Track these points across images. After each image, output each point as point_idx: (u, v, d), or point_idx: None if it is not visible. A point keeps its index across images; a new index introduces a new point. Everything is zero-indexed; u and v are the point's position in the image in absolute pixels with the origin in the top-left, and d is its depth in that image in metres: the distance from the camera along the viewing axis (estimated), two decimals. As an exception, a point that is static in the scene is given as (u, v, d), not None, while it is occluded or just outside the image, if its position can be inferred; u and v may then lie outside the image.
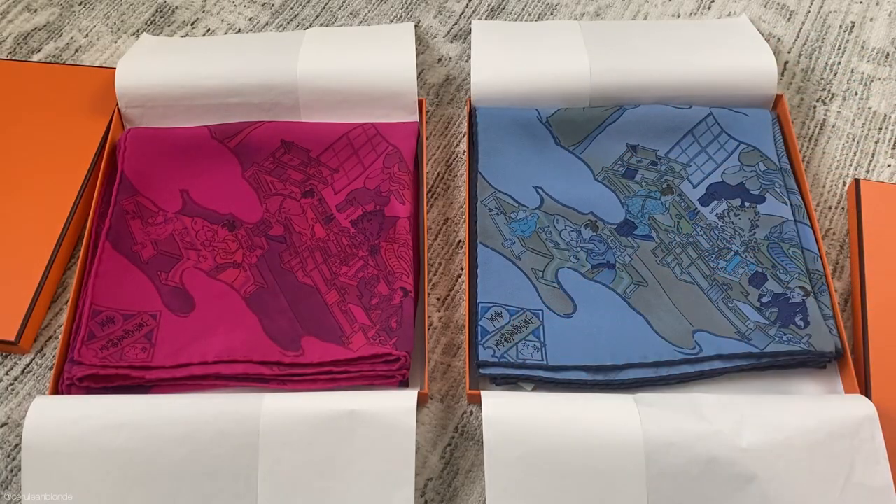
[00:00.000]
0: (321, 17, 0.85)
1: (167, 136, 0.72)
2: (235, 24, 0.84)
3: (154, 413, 0.54)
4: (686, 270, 0.65)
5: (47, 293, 0.65)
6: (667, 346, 0.60)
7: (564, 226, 0.67)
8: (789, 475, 0.53)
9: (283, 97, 0.73)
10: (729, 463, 0.52)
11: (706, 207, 0.68)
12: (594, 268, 0.65)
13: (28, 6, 0.85)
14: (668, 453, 0.53)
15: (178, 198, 0.69)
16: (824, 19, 0.84)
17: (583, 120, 0.72)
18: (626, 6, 0.85)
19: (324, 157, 0.71)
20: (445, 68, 0.81)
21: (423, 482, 0.58)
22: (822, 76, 0.79)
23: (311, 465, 0.54)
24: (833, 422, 0.54)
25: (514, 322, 0.61)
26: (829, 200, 0.72)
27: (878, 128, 0.76)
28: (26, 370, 0.63)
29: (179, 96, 0.73)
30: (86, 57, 0.81)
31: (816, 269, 0.64)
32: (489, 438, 0.53)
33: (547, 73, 0.73)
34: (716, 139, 0.71)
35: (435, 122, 0.77)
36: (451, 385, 0.62)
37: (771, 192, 0.68)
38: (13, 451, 0.59)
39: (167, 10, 0.85)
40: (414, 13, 0.85)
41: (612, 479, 0.53)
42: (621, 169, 0.71)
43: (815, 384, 0.61)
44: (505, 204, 0.68)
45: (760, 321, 0.62)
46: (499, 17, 0.84)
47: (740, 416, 0.54)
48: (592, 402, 0.56)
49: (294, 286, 0.64)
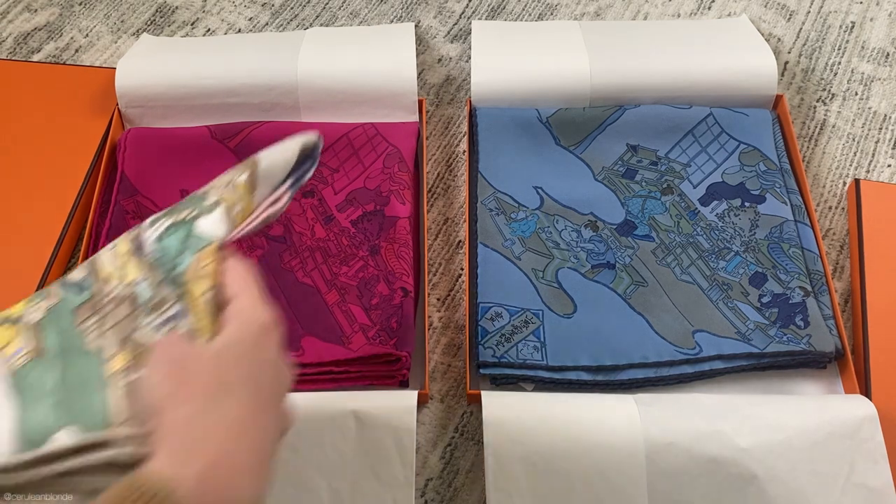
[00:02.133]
0: (321, 17, 0.84)
1: (167, 136, 0.72)
2: (235, 24, 0.84)
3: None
4: (686, 270, 0.65)
5: (47, 293, 0.66)
6: (667, 346, 0.60)
7: (564, 226, 0.67)
8: (789, 475, 0.53)
9: (284, 97, 0.73)
10: (729, 463, 0.52)
11: (706, 207, 0.68)
12: (594, 268, 0.65)
13: (28, 6, 0.85)
14: (668, 453, 0.53)
15: (178, 198, 0.69)
16: (824, 19, 0.84)
17: (583, 120, 0.72)
18: (626, 6, 0.85)
19: (324, 157, 0.71)
20: (445, 68, 0.81)
21: (423, 482, 0.58)
22: (822, 76, 0.79)
23: (311, 465, 0.54)
24: (833, 422, 0.54)
25: (515, 322, 0.61)
26: (829, 200, 0.72)
27: (878, 128, 0.76)
28: (26, 370, 0.63)
29: (179, 96, 0.73)
30: (86, 57, 0.81)
31: (816, 270, 0.64)
32: (489, 438, 0.53)
33: (547, 73, 0.73)
34: (716, 139, 0.71)
35: (435, 122, 0.77)
36: (451, 385, 0.62)
37: (771, 192, 0.68)
38: (13, 451, 0.59)
39: (167, 10, 0.85)
40: (414, 13, 0.85)
41: (613, 479, 0.53)
42: (621, 169, 0.71)
43: (815, 384, 0.61)
44: (505, 204, 0.68)
45: (760, 321, 0.62)
46: (499, 17, 0.84)
47: (740, 416, 0.54)
48: (593, 402, 0.56)
49: (294, 286, 0.64)
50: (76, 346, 0.42)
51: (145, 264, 0.44)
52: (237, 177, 0.45)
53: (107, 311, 0.43)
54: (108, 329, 0.43)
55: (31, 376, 0.42)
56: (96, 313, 0.43)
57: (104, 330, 0.43)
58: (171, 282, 0.43)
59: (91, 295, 0.44)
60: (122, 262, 0.44)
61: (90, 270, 0.44)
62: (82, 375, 0.41)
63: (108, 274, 0.44)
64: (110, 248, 0.45)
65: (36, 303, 0.44)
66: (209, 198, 0.45)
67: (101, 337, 0.42)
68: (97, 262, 0.45)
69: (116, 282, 0.44)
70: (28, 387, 0.41)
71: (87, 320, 0.43)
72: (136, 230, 0.45)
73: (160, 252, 0.43)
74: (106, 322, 0.43)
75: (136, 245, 0.44)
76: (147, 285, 0.43)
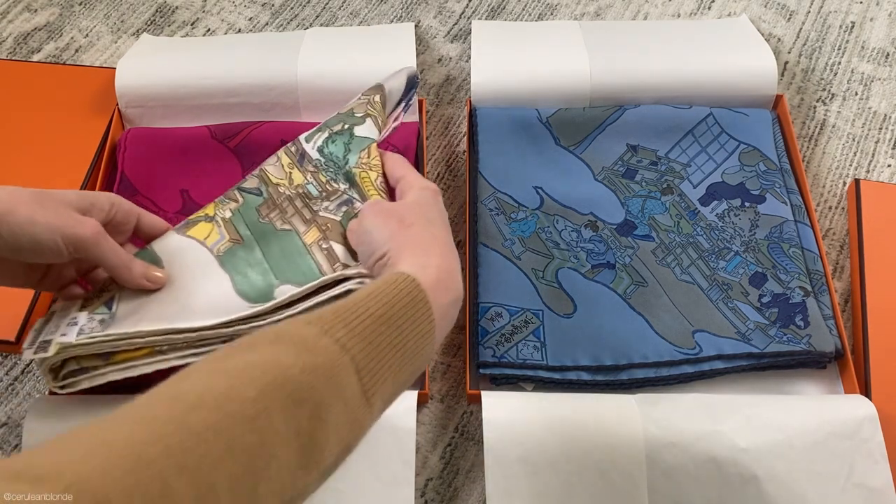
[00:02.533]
0: (321, 17, 0.85)
1: (167, 136, 0.72)
2: (235, 24, 0.84)
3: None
4: (686, 270, 0.65)
5: (47, 293, 0.65)
6: (667, 346, 0.60)
7: (564, 226, 0.67)
8: (789, 475, 0.53)
9: (284, 97, 0.73)
10: (729, 463, 0.52)
11: (706, 207, 0.68)
12: (594, 268, 0.65)
13: (28, 6, 0.85)
14: (669, 453, 0.53)
15: (178, 198, 0.69)
16: (824, 19, 0.84)
17: (583, 120, 0.72)
18: (626, 6, 0.85)
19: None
20: (445, 68, 0.81)
21: (423, 482, 0.58)
22: (822, 76, 0.79)
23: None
24: (833, 422, 0.54)
25: (515, 322, 0.61)
26: (829, 200, 0.72)
27: (878, 128, 0.76)
28: (26, 370, 0.63)
29: (179, 96, 0.73)
30: (86, 57, 0.81)
31: (816, 270, 0.64)
32: (489, 438, 0.53)
33: (547, 73, 0.73)
34: (716, 139, 0.71)
35: (435, 122, 0.77)
36: (451, 385, 0.62)
37: (771, 192, 0.68)
38: (13, 451, 0.59)
39: (167, 10, 0.85)
40: (414, 13, 0.85)
41: (613, 479, 0.53)
42: (621, 169, 0.71)
43: (815, 384, 0.61)
44: (505, 204, 0.68)
45: (760, 321, 0.62)
46: (499, 17, 0.84)
47: (740, 416, 0.54)
48: (593, 402, 0.56)
49: None
50: (269, 231, 0.55)
51: (307, 170, 0.58)
52: (373, 97, 0.60)
53: (284, 206, 0.56)
54: (290, 216, 0.56)
55: (237, 256, 0.54)
56: (276, 208, 0.56)
57: (287, 217, 0.56)
58: (343, 175, 0.57)
59: (267, 196, 0.57)
60: (287, 171, 0.58)
61: (261, 180, 0.58)
62: (284, 248, 0.54)
63: (277, 181, 0.58)
64: (274, 161, 0.59)
65: (225, 204, 0.57)
66: (356, 112, 0.59)
67: (287, 223, 0.55)
68: (266, 173, 0.58)
69: (286, 186, 0.57)
70: (236, 264, 0.54)
71: (270, 213, 0.56)
72: (293, 145, 0.59)
73: (326, 157, 0.58)
74: (287, 212, 0.56)
75: (298, 157, 0.58)
76: (313, 186, 0.57)
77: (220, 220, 0.56)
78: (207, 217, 0.56)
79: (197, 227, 0.56)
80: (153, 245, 0.55)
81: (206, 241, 0.55)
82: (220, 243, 0.55)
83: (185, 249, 0.55)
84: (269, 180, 0.58)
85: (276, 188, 0.57)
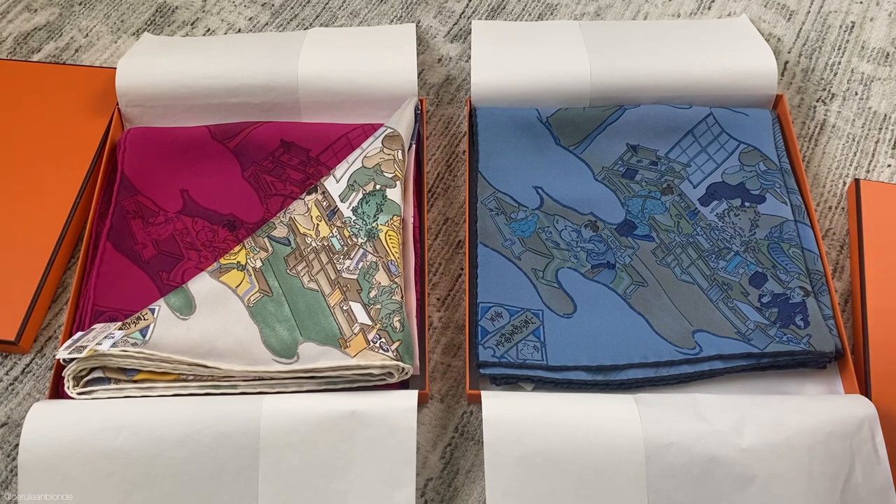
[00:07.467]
0: (321, 17, 0.84)
1: (167, 136, 0.72)
2: (235, 24, 0.84)
3: (154, 415, 0.54)
4: (686, 270, 0.65)
5: (47, 293, 0.66)
6: (667, 346, 0.60)
7: (564, 226, 0.67)
8: (789, 475, 0.53)
9: (284, 98, 0.73)
10: (729, 463, 0.52)
11: (706, 207, 0.68)
12: (594, 268, 0.65)
13: (28, 6, 0.85)
14: (668, 453, 0.53)
15: (178, 198, 0.69)
16: (824, 19, 0.84)
17: (583, 120, 0.72)
18: (626, 6, 0.85)
19: (323, 157, 0.71)
20: (445, 68, 0.81)
21: (423, 482, 0.58)
22: (822, 76, 0.79)
23: (311, 465, 0.54)
24: (833, 422, 0.54)
25: (515, 322, 0.61)
26: (829, 200, 0.72)
27: (878, 128, 0.76)
28: (26, 370, 0.63)
29: (179, 96, 0.73)
30: (86, 57, 0.81)
31: (816, 270, 0.64)
32: (489, 438, 0.53)
33: (547, 73, 0.73)
34: (716, 139, 0.71)
35: (435, 122, 0.77)
36: (451, 385, 0.63)
37: (771, 192, 0.68)
38: (13, 451, 0.59)
39: (167, 10, 0.85)
40: (414, 13, 0.85)
41: (613, 479, 0.53)
42: (621, 169, 0.71)
43: (815, 384, 0.61)
44: (505, 204, 0.68)
45: (760, 321, 0.62)
46: (499, 17, 0.84)
47: (740, 416, 0.54)
48: (593, 402, 0.56)
49: None
50: (297, 287, 0.61)
51: (335, 225, 0.64)
52: (396, 153, 0.66)
53: (310, 259, 0.62)
54: (317, 273, 0.62)
55: (267, 310, 0.60)
56: (303, 260, 0.62)
57: (314, 274, 0.62)
58: (366, 231, 0.63)
59: (295, 247, 0.63)
60: (315, 223, 0.64)
61: (290, 229, 0.64)
62: (310, 307, 0.60)
63: (305, 231, 0.64)
64: (304, 211, 0.64)
65: (255, 252, 0.62)
66: (385, 171, 0.65)
67: (313, 280, 0.61)
68: (295, 222, 0.64)
69: (313, 237, 0.63)
70: (265, 317, 0.60)
71: (297, 266, 0.62)
72: (325, 198, 0.65)
73: (358, 216, 0.64)
74: (313, 267, 0.62)
75: (328, 213, 0.64)
76: (337, 239, 0.63)
77: (251, 270, 0.62)
78: (239, 265, 0.62)
79: (230, 275, 0.61)
80: (189, 285, 0.60)
81: (238, 289, 0.61)
82: (251, 293, 0.61)
83: (217, 294, 0.60)
84: (298, 230, 0.64)
85: (304, 238, 0.63)
